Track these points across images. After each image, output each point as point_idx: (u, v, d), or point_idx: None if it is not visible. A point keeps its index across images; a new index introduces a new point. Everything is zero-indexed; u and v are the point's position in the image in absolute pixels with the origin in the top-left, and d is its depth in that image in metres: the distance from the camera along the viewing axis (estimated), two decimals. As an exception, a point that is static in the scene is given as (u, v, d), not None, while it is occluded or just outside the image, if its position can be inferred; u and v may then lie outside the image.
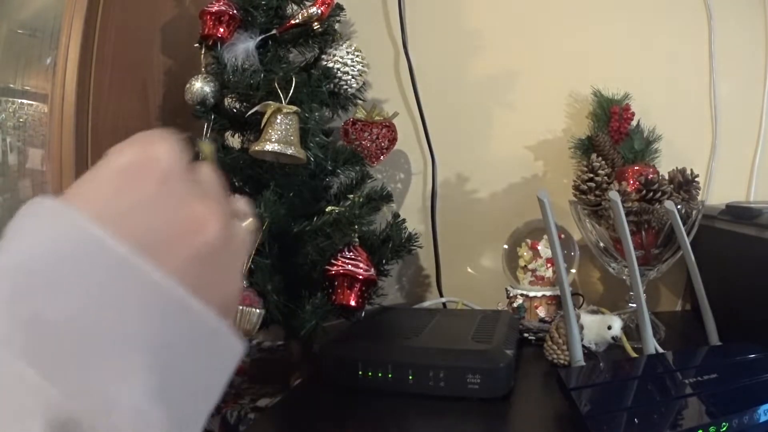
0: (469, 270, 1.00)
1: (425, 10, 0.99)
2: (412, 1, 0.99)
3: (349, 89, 0.82)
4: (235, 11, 0.76)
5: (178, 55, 0.88)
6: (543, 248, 0.83)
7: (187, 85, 0.76)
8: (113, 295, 0.20)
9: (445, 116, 0.99)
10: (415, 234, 0.86)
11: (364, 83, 0.86)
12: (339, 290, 0.73)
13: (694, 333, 0.72)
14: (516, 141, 0.98)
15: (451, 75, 0.99)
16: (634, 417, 0.48)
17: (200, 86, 0.75)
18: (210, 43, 0.76)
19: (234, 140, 0.80)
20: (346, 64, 0.80)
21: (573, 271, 0.88)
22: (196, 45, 0.78)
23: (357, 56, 0.82)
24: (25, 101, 0.76)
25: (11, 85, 0.77)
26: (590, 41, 0.96)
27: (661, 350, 0.66)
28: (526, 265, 0.83)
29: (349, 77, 0.81)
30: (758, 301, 0.66)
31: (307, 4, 0.79)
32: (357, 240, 0.75)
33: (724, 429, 0.45)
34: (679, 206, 0.69)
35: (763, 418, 0.47)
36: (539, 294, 0.79)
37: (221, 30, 0.75)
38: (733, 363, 0.56)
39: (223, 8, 0.75)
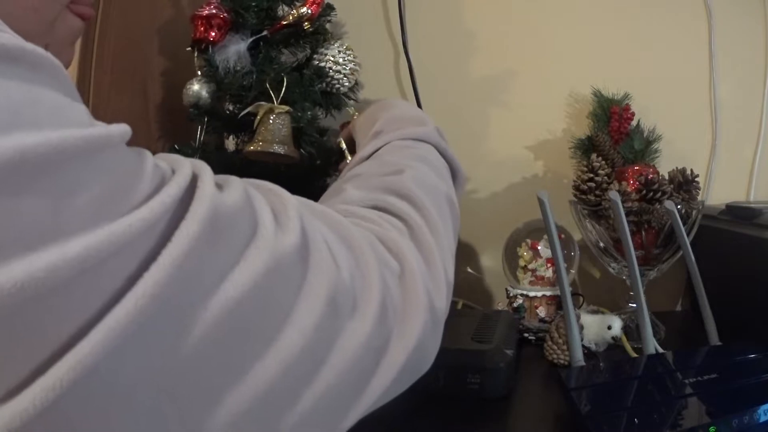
0: (469, 270, 1.00)
1: (425, 10, 0.99)
2: (412, 1, 0.98)
3: (341, 88, 0.82)
4: (225, 14, 0.76)
5: (176, 56, 0.88)
6: (543, 248, 0.83)
7: (185, 88, 0.76)
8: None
9: (445, 116, 0.98)
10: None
11: (356, 81, 0.86)
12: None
13: (694, 333, 0.72)
14: (516, 141, 0.98)
15: (451, 75, 0.99)
16: (634, 417, 0.48)
17: (198, 89, 0.75)
18: (202, 47, 0.76)
19: (229, 142, 0.81)
20: (337, 63, 0.80)
21: (573, 271, 0.88)
22: (189, 49, 0.78)
23: (348, 55, 0.82)
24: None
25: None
26: (590, 41, 0.96)
27: (661, 350, 0.66)
28: (526, 265, 0.83)
29: (341, 76, 0.81)
30: (758, 301, 0.66)
31: (297, 4, 0.79)
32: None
33: (724, 429, 0.45)
34: (679, 206, 0.69)
35: (763, 418, 0.47)
36: (539, 294, 0.79)
37: (212, 33, 0.75)
38: (733, 363, 0.56)
39: (213, 11, 0.75)
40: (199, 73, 0.78)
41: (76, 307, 0.19)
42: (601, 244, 0.79)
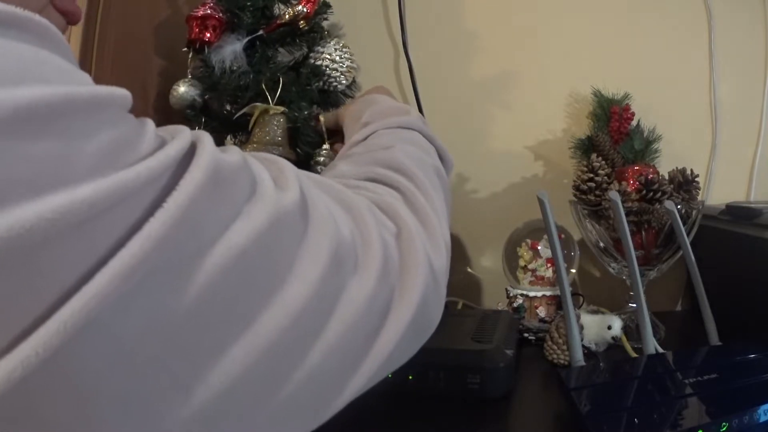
0: (469, 270, 1.00)
1: (425, 10, 0.99)
2: (412, 1, 0.98)
3: (338, 86, 0.82)
4: (221, 14, 0.76)
5: (176, 56, 0.87)
6: (543, 248, 0.83)
7: (171, 90, 0.76)
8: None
9: (445, 116, 0.99)
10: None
11: (354, 79, 0.86)
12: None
13: (694, 333, 0.72)
14: (516, 141, 0.98)
15: (451, 75, 0.99)
16: (634, 417, 0.48)
17: (184, 90, 0.75)
18: (197, 47, 0.76)
19: (227, 141, 0.81)
20: (334, 61, 0.80)
21: (573, 271, 0.88)
22: (185, 49, 0.78)
23: (345, 53, 0.82)
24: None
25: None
26: (590, 41, 0.96)
27: (661, 350, 0.66)
28: (526, 265, 0.83)
29: (338, 74, 0.80)
30: (758, 301, 0.66)
31: (293, 2, 0.79)
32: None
33: (724, 429, 0.45)
34: (679, 206, 0.69)
35: (763, 418, 0.47)
36: (539, 294, 0.79)
37: (207, 34, 0.75)
38: (733, 363, 0.56)
39: (209, 12, 0.75)
40: (189, 74, 0.78)
41: (82, 252, 0.19)
42: (601, 244, 0.79)
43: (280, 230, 0.26)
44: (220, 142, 0.81)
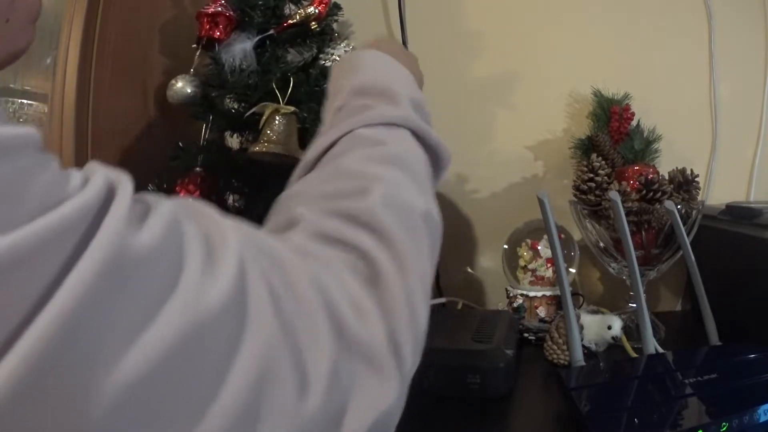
0: (469, 270, 1.00)
1: (425, 10, 0.99)
2: (412, 1, 0.98)
3: (347, 89, 0.82)
4: (231, 12, 0.76)
5: (177, 56, 0.87)
6: (543, 248, 0.83)
7: (170, 84, 0.77)
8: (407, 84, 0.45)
9: (445, 116, 0.99)
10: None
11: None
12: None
13: (694, 333, 0.72)
14: (516, 141, 0.98)
15: (451, 75, 0.99)
16: (634, 417, 0.48)
17: (181, 86, 0.76)
18: (203, 43, 0.77)
19: (232, 140, 0.81)
20: (343, 63, 0.80)
21: (573, 271, 0.88)
22: (194, 46, 0.78)
23: (355, 55, 0.82)
24: (25, 101, 0.76)
25: (11, 86, 0.77)
26: (590, 41, 0.96)
27: (661, 350, 0.66)
28: (526, 265, 0.83)
29: (348, 76, 0.81)
30: (758, 301, 0.66)
31: (305, 3, 0.79)
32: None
33: (724, 429, 0.45)
34: (679, 206, 0.69)
35: (763, 418, 0.47)
36: (539, 294, 0.79)
37: (218, 32, 0.75)
38: (733, 363, 0.56)
39: (219, 9, 0.75)
40: (192, 71, 0.78)
41: None
42: (601, 244, 0.79)
43: (200, 340, 0.20)
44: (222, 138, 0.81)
